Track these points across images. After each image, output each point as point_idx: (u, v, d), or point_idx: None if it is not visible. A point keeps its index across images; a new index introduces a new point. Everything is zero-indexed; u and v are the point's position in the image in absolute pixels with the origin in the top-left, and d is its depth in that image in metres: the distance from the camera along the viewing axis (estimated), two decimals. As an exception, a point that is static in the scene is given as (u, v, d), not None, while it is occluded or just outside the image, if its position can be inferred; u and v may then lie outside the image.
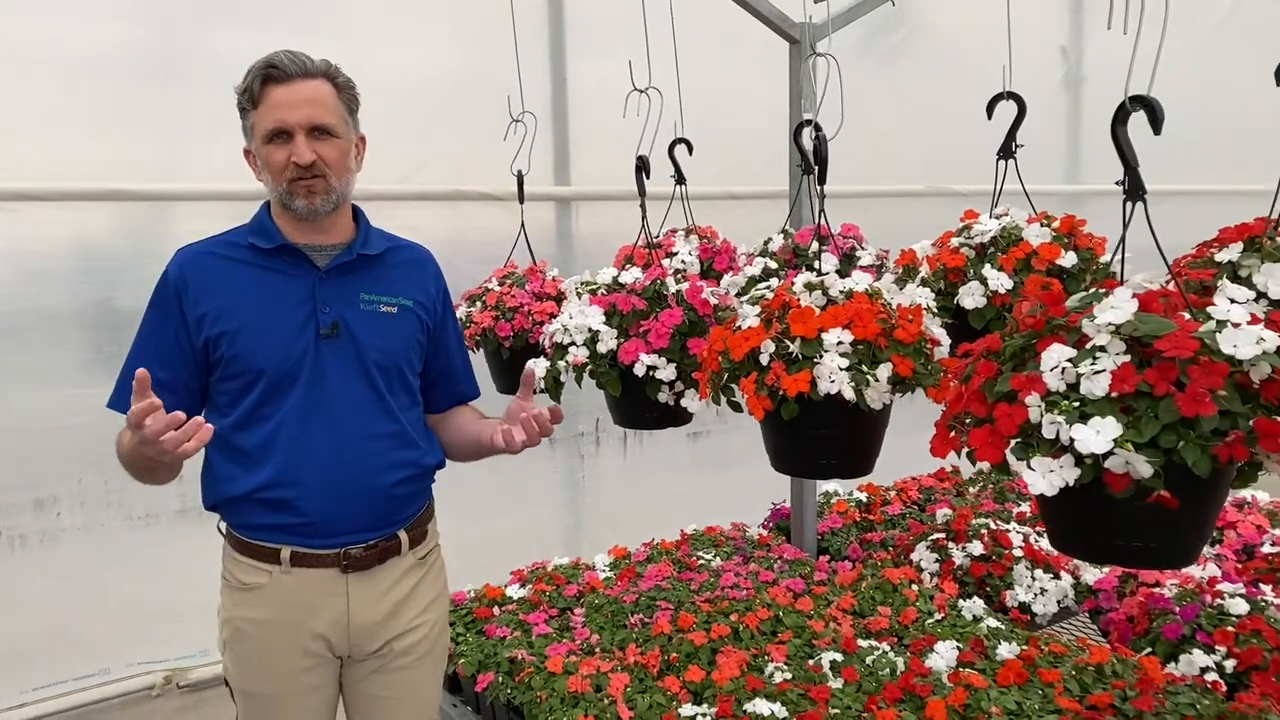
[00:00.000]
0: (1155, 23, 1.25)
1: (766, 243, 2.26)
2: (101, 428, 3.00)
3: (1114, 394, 1.10)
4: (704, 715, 1.92)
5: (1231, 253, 1.47)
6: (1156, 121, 1.20)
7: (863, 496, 3.25)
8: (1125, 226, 1.25)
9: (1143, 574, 2.43)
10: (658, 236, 2.35)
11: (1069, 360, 1.15)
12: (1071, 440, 1.10)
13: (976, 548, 2.59)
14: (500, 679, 2.14)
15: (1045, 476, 1.12)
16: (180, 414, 1.34)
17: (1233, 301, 1.21)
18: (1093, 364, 1.13)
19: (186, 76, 3.06)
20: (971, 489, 3.37)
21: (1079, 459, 1.10)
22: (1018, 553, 2.60)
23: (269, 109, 1.51)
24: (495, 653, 2.22)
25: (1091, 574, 2.54)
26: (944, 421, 1.30)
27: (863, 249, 2.20)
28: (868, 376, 1.49)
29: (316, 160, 1.52)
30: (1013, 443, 1.17)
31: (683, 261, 2.38)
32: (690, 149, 2.34)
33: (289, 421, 1.55)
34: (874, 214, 2.57)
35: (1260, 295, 1.40)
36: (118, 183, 3.02)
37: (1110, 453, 1.07)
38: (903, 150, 4.34)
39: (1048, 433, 1.12)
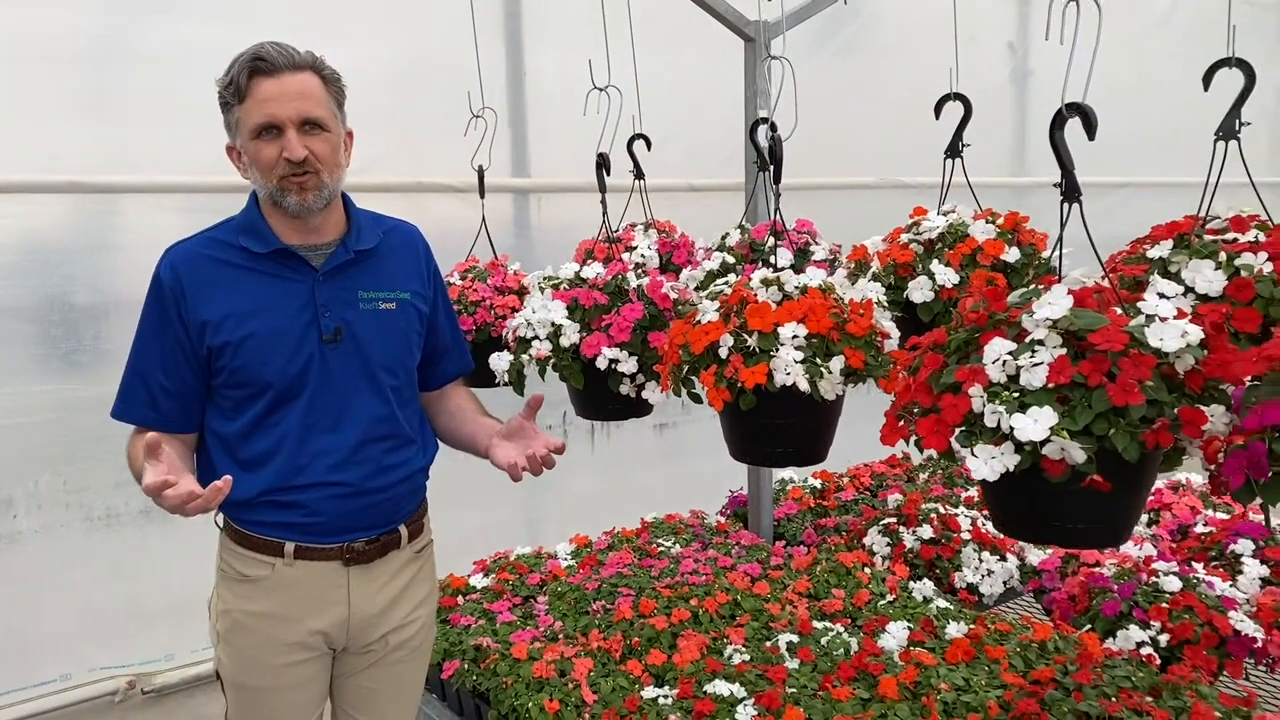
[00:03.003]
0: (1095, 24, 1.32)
1: (724, 238, 2.31)
2: (58, 426, 2.99)
3: (1051, 385, 1.18)
4: (665, 697, 1.97)
5: (1162, 249, 1.55)
6: (1091, 128, 1.27)
7: (817, 483, 3.32)
8: (1063, 226, 1.32)
9: (1084, 554, 2.54)
10: (617, 230, 2.39)
11: (1009, 353, 1.22)
12: (1011, 429, 1.17)
13: (926, 531, 2.68)
14: (466, 666, 2.18)
15: (987, 463, 1.19)
16: (195, 487, 1.32)
17: (1162, 296, 1.29)
18: (1031, 357, 1.20)
19: (129, 67, 3.02)
20: (921, 475, 3.47)
21: (1018, 446, 1.18)
22: (966, 536, 2.69)
23: (257, 103, 1.45)
24: (460, 641, 2.26)
25: (1036, 555, 2.64)
26: (893, 411, 1.37)
27: (816, 244, 2.26)
28: (821, 369, 1.55)
29: (309, 156, 1.47)
30: (957, 431, 1.25)
31: (642, 256, 2.42)
32: (649, 144, 2.38)
33: (294, 429, 1.53)
34: (827, 206, 2.63)
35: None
36: (65, 174, 2.97)
37: (1047, 440, 1.14)
38: (857, 142, 4.42)
39: (990, 422, 1.19)
